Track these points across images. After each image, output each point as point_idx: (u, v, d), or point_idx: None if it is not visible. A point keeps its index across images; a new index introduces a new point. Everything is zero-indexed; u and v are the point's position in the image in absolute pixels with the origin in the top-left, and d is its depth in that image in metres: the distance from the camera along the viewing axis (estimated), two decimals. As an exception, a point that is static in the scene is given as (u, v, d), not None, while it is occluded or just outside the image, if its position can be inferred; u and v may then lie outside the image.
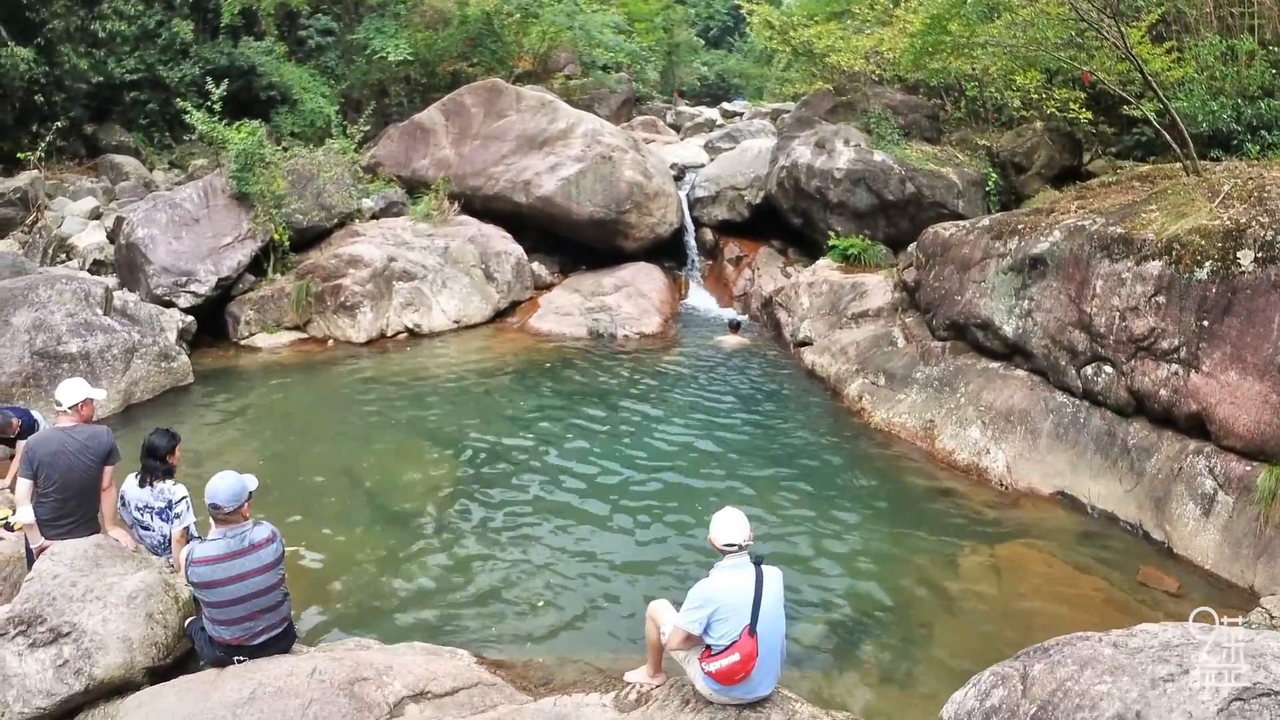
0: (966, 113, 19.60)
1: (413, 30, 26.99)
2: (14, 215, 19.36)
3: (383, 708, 5.64)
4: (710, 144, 27.00)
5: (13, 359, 12.49)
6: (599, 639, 7.91)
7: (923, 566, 9.17)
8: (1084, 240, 11.09)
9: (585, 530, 9.88)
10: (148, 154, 26.32)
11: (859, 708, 6.62)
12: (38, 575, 6.32)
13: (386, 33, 25.70)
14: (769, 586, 5.52)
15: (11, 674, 5.79)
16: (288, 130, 24.61)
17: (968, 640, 7.94)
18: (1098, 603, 8.50)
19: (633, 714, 5.78)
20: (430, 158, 22.05)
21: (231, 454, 11.38)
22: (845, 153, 17.90)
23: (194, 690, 5.78)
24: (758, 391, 14.60)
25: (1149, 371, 10.05)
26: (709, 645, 5.49)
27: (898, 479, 11.33)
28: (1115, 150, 18.17)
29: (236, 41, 26.70)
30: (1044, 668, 4.41)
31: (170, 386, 13.96)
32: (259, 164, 17.96)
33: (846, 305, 16.01)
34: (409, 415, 13.19)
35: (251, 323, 17.13)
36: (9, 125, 23.41)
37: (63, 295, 13.35)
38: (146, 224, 17.02)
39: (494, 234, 19.93)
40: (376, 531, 9.76)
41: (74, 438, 7.11)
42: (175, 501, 7.35)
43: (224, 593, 5.92)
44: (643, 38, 36.76)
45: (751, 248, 20.81)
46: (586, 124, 21.15)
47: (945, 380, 12.73)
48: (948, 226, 14.21)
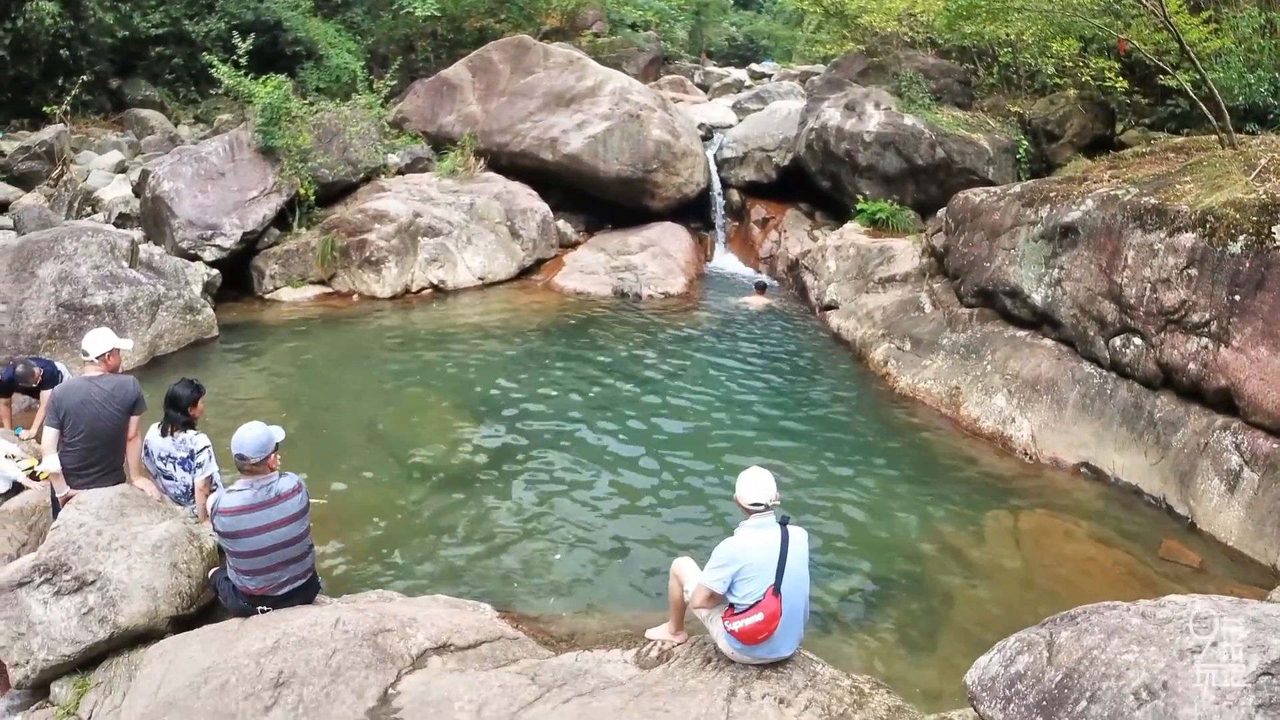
0: (999, 79, 19.33)
1: (440, -15, 26.83)
2: (40, 169, 19.44)
3: (405, 659, 5.66)
4: (738, 105, 26.81)
5: (39, 311, 12.54)
6: (621, 596, 7.92)
7: (945, 533, 9.14)
8: (1117, 210, 10.93)
9: (607, 487, 9.88)
10: (173, 108, 26.36)
11: (879, 671, 6.61)
12: (63, 524, 6.36)
13: (413, -13, 25.56)
14: (794, 547, 5.50)
15: (37, 621, 5.84)
16: (313, 86, 24.52)
17: (988, 608, 7.92)
18: (1119, 575, 8.45)
19: (654, 671, 5.78)
20: (456, 114, 21.94)
21: (255, 406, 11.41)
22: (875, 116, 17.70)
23: (218, 639, 5.82)
24: (782, 354, 14.54)
25: (1178, 344, 9.92)
26: (732, 604, 5.47)
27: (921, 445, 11.27)
28: (1149, 121, 17.89)
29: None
30: (1070, 635, 4.37)
31: (195, 339, 14.00)
32: (285, 118, 17.92)
33: (873, 270, 15.89)
34: (433, 370, 13.20)
35: (276, 277, 17.15)
36: (35, 79, 23.48)
37: (88, 248, 13.37)
38: (172, 177, 17.02)
39: (520, 191, 19.87)
40: (398, 485, 9.77)
41: (100, 387, 7.14)
42: (197, 451, 7.37)
43: (249, 543, 5.93)
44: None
45: (778, 210, 20.66)
46: (615, 82, 20.99)
47: (972, 347, 12.64)
48: (978, 192, 14.05)
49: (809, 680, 5.51)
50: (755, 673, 5.53)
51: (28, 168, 19.33)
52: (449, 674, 5.57)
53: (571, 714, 5.15)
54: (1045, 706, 4.07)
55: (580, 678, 5.60)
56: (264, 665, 5.35)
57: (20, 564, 6.16)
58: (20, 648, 5.82)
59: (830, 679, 5.57)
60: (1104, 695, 3.91)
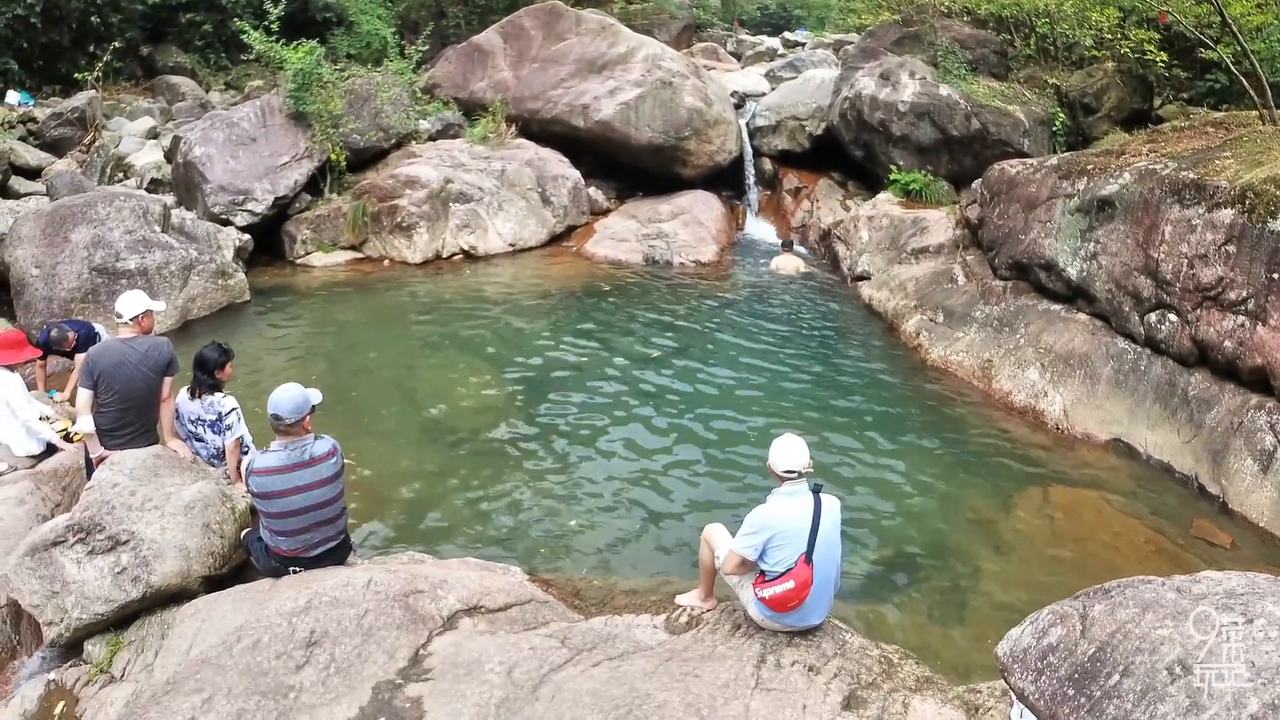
0: (1036, 50, 19.10)
1: (471, -49, 26.75)
2: (72, 135, 19.53)
3: (436, 620, 5.68)
4: (771, 73, 26.61)
5: (72, 275, 12.63)
6: (651, 561, 7.93)
7: (975, 505, 9.10)
8: (1155, 184, 10.78)
9: (638, 453, 9.89)
10: (203, 75, 26.45)
11: (908, 642, 6.59)
12: (97, 484, 6.42)
13: (444, -47, 25.49)
14: (826, 515, 5.48)
15: (70, 580, 5.90)
16: (344, 52, 24.52)
17: (1018, 581, 7.89)
18: (1149, 552, 8.39)
19: (683, 636, 5.78)
20: (488, 80, 21.88)
21: (287, 370, 11.46)
22: (910, 85, 17.54)
23: (250, 599, 5.87)
24: (813, 323, 14.49)
25: (1214, 322, 9.80)
26: (763, 571, 5.46)
27: (953, 417, 11.21)
28: (1187, 95, 17.70)
29: (293, -39, 26.60)
30: (1104, 609, 4.34)
31: (227, 303, 14.06)
32: (316, 84, 17.91)
33: (906, 240, 15.79)
34: (464, 335, 13.21)
35: (308, 242, 17.19)
36: (66, 46, 23.60)
37: (121, 212, 13.44)
38: (204, 143, 17.07)
39: (551, 158, 19.80)
40: (429, 448, 9.81)
41: (134, 349, 7.17)
42: (225, 414, 7.43)
43: (282, 504, 5.98)
44: (705, -36, 36.27)
45: (811, 179, 20.54)
46: (647, 49, 20.85)
47: (1005, 320, 12.55)
48: (1014, 164, 13.91)
49: (838, 649, 5.50)
50: (785, 640, 5.52)
51: (60, 134, 19.42)
52: (479, 636, 5.60)
53: (601, 677, 5.17)
54: (1077, 679, 4.06)
55: (610, 641, 5.61)
56: (296, 625, 5.38)
57: (55, 524, 6.22)
58: (54, 606, 5.88)
59: (859, 648, 5.56)
60: (1137, 669, 3.89)
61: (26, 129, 19.52)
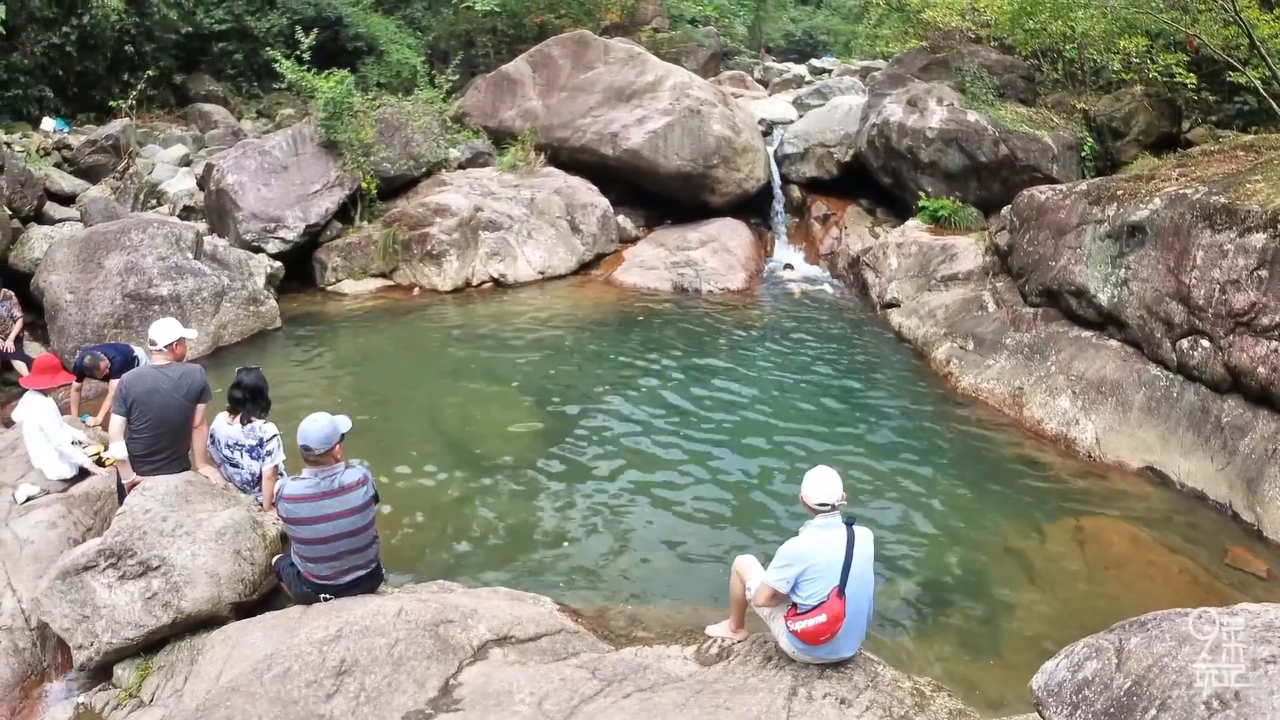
0: (1064, 75, 19.06)
1: (500, -20, 26.96)
2: (106, 162, 19.72)
3: (467, 650, 5.67)
4: (799, 100, 26.65)
5: (105, 300, 12.75)
6: (679, 591, 7.89)
7: (1007, 535, 9.03)
8: (1185, 209, 10.70)
9: (666, 482, 9.86)
10: (236, 103, 26.78)
11: (940, 674, 6.53)
12: (129, 509, 6.45)
13: (474, -18, 25.71)
14: (860, 548, 5.42)
15: (101, 605, 5.93)
16: (374, 81, 24.80)
17: (1051, 612, 7.81)
18: (1184, 582, 8.29)
19: (714, 667, 5.74)
20: (517, 109, 22.02)
21: (318, 397, 11.54)
22: (938, 112, 17.53)
23: (281, 626, 5.88)
24: (843, 352, 14.43)
25: (1248, 348, 9.68)
26: (795, 604, 5.41)
27: (984, 446, 11.13)
28: (1216, 119, 17.59)
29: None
30: (1140, 642, 4.29)
31: (258, 330, 14.17)
32: (347, 112, 18.06)
33: (936, 267, 15.74)
34: (493, 364, 13.24)
35: (338, 269, 17.29)
36: (101, 75, 23.97)
37: (154, 239, 13.58)
38: (236, 171, 17.22)
39: (580, 186, 19.89)
40: (459, 476, 9.82)
41: (168, 376, 7.22)
42: (266, 439, 7.43)
43: (311, 531, 5.99)
44: (731, -9, 36.48)
45: (839, 206, 20.51)
46: (675, 77, 20.92)
47: (1036, 348, 12.47)
48: (1044, 190, 13.84)
49: (870, 681, 5.45)
50: (816, 672, 5.48)
51: (94, 161, 19.62)
52: (510, 666, 5.58)
53: (632, 709, 5.14)
54: (1113, 713, 4.01)
55: (640, 673, 5.59)
56: (326, 653, 5.38)
57: (86, 548, 6.26)
58: (85, 630, 5.92)
59: (891, 680, 5.51)
60: (1174, 703, 3.84)
61: (62, 156, 19.72)
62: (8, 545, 7.17)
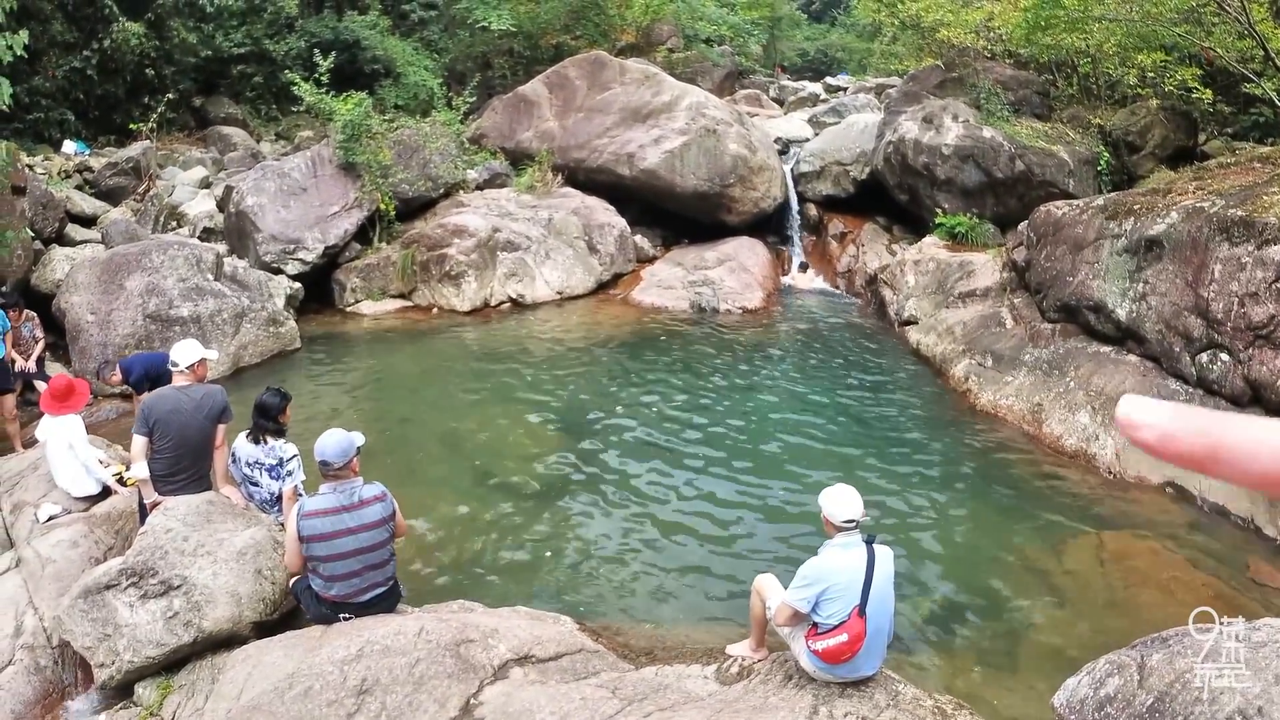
0: (1079, 89, 19.08)
1: (515, 2, 27.09)
2: (126, 184, 19.94)
3: (488, 670, 5.67)
4: (815, 118, 26.68)
5: (126, 321, 12.85)
6: (699, 610, 7.86)
7: (1027, 552, 8.97)
8: (1202, 222, 10.67)
9: (686, 502, 9.84)
10: (254, 125, 26.99)
11: (961, 691, 6.50)
12: (150, 529, 6.48)
13: (489, 4, 25.85)
14: (880, 566, 5.41)
15: (123, 624, 5.95)
16: (392, 103, 24.95)
17: (1072, 628, 7.75)
18: (1206, 597, 8.19)
19: (735, 687, 5.74)
20: (534, 130, 22.11)
21: (337, 418, 11.56)
22: (953, 129, 17.55)
23: (301, 645, 5.88)
24: (861, 369, 14.42)
25: (1267, 360, 9.64)
26: (816, 623, 5.40)
27: (1003, 462, 11.08)
28: (1232, 131, 17.57)
29: (341, 15, 27.24)
30: (1162, 658, 4.27)
31: (278, 351, 14.23)
32: (365, 134, 18.19)
33: (953, 284, 15.72)
34: (511, 384, 13.26)
35: (357, 290, 17.37)
36: (121, 98, 24.26)
37: (174, 260, 13.67)
38: (255, 193, 17.35)
39: (597, 206, 19.94)
40: (478, 496, 9.82)
41: (189, 396, 7.27)
42: (286, 459, 7.46)
43: (329, 547, 5.99)
44: (745, 11, 36.60)
45: (856, 224, 20.52)
46: (691, 97, 20.96)
47: (1054, 363, 12.42)
48: (1060, 205, 13.83)
49: (891, 700, 5.43)
50: (837, 691, 5.46)
51: (115, 183, 19.82)
52: (530, 686, 5.57)
53: (653, 728, 5.13)
54: (1138, 730, 3.99)
55: (661, 692, 5.58)
56: (347, 672, 5.39)
57: (108, 567, 6.29)
58: (106, 648, 5.94)
59: (913, 699, 5.49)
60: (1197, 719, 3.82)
61: (83, 178, 19.96)
62: (30, 564, 7.23)
